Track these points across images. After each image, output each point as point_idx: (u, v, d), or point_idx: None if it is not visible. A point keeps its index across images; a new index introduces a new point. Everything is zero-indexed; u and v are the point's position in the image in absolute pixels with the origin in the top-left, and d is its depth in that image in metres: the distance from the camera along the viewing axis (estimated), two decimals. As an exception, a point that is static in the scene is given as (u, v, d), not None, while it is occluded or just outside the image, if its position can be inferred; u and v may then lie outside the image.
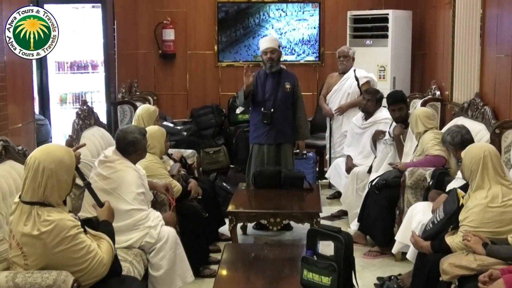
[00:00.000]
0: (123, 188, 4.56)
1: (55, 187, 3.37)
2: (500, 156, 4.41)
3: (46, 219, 3.30)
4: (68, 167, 3.45)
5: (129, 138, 4.76)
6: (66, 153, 3.49)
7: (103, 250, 3.47)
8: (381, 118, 6.95)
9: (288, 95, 6.77)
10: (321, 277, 3.80)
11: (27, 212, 3.34)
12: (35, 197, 3.35)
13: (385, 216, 5.96)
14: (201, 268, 5.43)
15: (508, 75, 6.09)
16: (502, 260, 3.68)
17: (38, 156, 3.40)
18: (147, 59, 9.97)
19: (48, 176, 3.35)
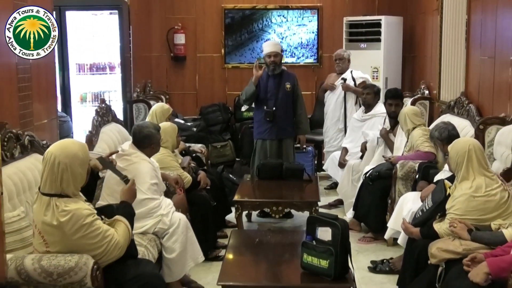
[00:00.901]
0: (138, 179, 4.56)
1: (70, 179, 3.38)
2: (483, 149, 4.41)
3: (63, 209, 3.31)
4: (81, 161, 3.45)
5: (144, 132, 4.78)
6: (80, 148, 3.49)
7: (119, 233, 3.48)
8: (380, 112, 6.96)
9: (288, 94, 6.78)
10: (319, 260, 3.80)
11: (46, 203, 3.35)
12: (53, 189, 3.36)
13: (378, 205, 5.98)
14: (209, 252, 5.43)
15: (491, 75, 6.09)
16: (485, 245, 3.69)
17: (54, 151, 3.40)
18: (160, 61, 9.98)
19: (63, 170, 3.35)
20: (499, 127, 5.42)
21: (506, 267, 3.18)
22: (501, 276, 3.20)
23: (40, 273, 3.23)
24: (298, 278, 3.89)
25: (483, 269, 3.31)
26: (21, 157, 4.14)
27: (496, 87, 6.00)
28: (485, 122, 5.64)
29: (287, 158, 6.85)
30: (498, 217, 3.86)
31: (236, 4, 9.95)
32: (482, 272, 3.30)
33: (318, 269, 3.81)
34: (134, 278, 3.47)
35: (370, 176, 6.08)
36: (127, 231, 3.55)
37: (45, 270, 3.23)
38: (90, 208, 3.44)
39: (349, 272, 3.86)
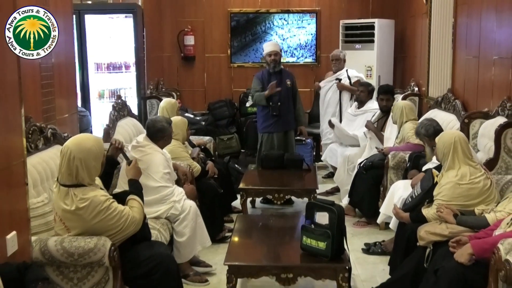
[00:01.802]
0: (152, 168, 4.58)
1: (85, 172, 3.38)
2: (468, 141, 4.41)
3: (82, 197, 3.33)
4: (95, 155, 3.45)
5: (157, 126, 4.81)
6: (94, 143, 3.48)
7: (134, 210, 3.50)
8: (371, 108, 6.98)
9: (289, 90, 6.80)
10: (317, 242, 3.81)
11: (65, 192, 3.36)
12: (70, 180, 3.37)
13: (371, 192, 5.98)
14: (217, 236, 5.43)
15: (475, 73, 6.09)
16: (470, 228, 3.69)
17: (70, 146, 3.41)
18: (171, 61, 9.97)
19: (78, 164, 3.36)
20: (483, 120, 5.42)
21: (488, 248, 3.19)
22: (484, 256, 3.21)
23: (62, 254, 3.24)
24: (298, 259, 3.90)
25: (467, 250, 3.31)
26: (44, 148, 4.14)
27: (480, 84, 6.00)
28: (469, 116, 5.64)
29: (292, 148, 6.87)
30: (482, 203, 3.87)
31: (241, 8, 9.95)
32: (466, 253, 3.31)
33: (316, 250, 3.82)
34: (148, 259, 3.49)
35: (364, 166, 6.09)
36: (140, 206, 3.59)
37: (67, 251, 3.24)
38: (106, 194, 3.46)
39: (344, 253, 3.87)
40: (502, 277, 3.00)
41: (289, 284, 3.85)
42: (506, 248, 3.02)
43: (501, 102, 5.24)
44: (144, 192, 4.40)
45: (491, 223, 3.59)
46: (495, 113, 5.32)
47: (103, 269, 3.31)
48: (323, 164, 8.15)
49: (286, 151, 6.76)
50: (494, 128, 4.89)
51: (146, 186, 4.48)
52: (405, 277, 3.96)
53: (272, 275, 3.85)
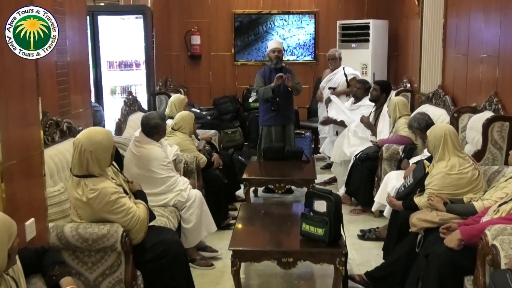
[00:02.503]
0: (152, 162, 4.57)
1: (95, 163, 3.38)
2: (457, 134, 4.41)
3: (92, 188, 3.33)
4: (105, 148, 3.44)
5: (151, 123, 4.71)
6: (104, 136, 3.47)
7: (140, 210, 3.49)
8: (365, 104, 6.96)
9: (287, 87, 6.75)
10: (316, 229, 3.81)
11: (77, 182, 3.37)
12: (81, 171, 3.38)
13: (366, 182, 5.98)
14: (222, 223, 5.44)
15: (464, 70, 6.08)
16: (459, 216, 3.70)
17: (81, 139, 3.41)
18: (178, 59, 9.98)
19: (88, 156, 3.36)
20: (471, 115, 5.41)
21: (476, 234, 3.19)
22: (472, 242, 3.21)
23: (77, 239, 3.25)
24: (298, 244, 3.90)
25: (456, 236, 3.32)
26: (60, 140, 4.15)
27: (468, 81, 5.99)
28: (459, 111, 5.64)
29: (290, 142, 6.86)
30: (470, 191, 3.87)
31: (245, 9, 9.94)
32: (456, 238, 3.31)
33: (315, 236, 3.82)
34: (157, 244, 3.50)
35: (360, 158, 6.09)
36: (146, 209, 3.57)
37: (82, 237, 3.25)
38: (115, 186, 3.44)
39: (341, 239, 3.86)
40: (489, 261, 3.01)
41: (289, 268, 3.86)
42: (493, 234, 3.02)
43: (488, 97, 5.23)
44: (151, 184, 4.51)
45: (479, 210, 3.60)
46: (482, 108, 5.31)
47: (115, 253, 3.31)
48: (321, 156, 8.16)
49: (284, 143, 6.75)
50: (481, 122, 4.89)
51: (151, 179, 4.56)
52: (398, 261, 3.96)
53: (274, 260, 3.85)
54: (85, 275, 3.34)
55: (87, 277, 3.34)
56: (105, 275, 3.34)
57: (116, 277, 3.33)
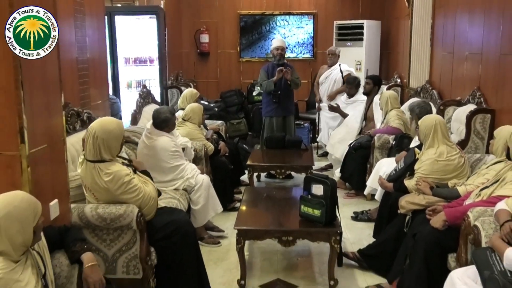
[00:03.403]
0: (161, 153, 4.56)
1: (107, 150, 3.38)
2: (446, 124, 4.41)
3: (106, 172, 3.33)
4: (116, 136, 3.43)
5: (161, 117, 4.69)
6: (116, 126, 3.47)
7: (150, 189, 3.49)
8: (359, 99, 6.95)
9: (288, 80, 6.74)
10: (314, 210, 3.82)
11: (91, 167, 3.36)
12: (94, 157, 3.37)
13: (359, 169, 5.98)
14: (228, 205, 5.46)
15: (450, 67, 6.07)
16: (444, 199, 3.70)
17: (95, 127, 3.40)
18: (189, 56, 9.96)
19: (100, 143, 3.36)
20: (456, 107, 5.42)
21: (459, 215, 3.19)
22: (456, 223, 3.21)
23: (97, 219, 3.27)
24: (297, 224, 3.91)
25: (441, 217, 3.32)
26: (81, 129, 4.15)
27: (454, 77, 5.98)
28: (444, 104, 5.64)
29: (290, 132, 6.85)
30: (455, 177, 3.87)
31: (249, 10, 9.91)
32: (441, 219, 3.31)
33: (313, 217, 3.83)
34: (169, 223, 3.50)
35: (354, 146, 6.09)
36: (153, 185, 3.58)
37: (101, 216, 3.27)
38: (126, 169, 3.45)
39: (336, 219, 3.87)
40: (471, 240, 3.02)
41: (289, 246, 3.87)
42: (474, 215, 3.03)
43: (472, 91, 5.23)
44: (162, 173, 4.55)
45: (462, 194, 3.61)
46: (466, 101, 5.31)
47: (131, 232, 3.33)
48: (319, 145, 8.15)
49: (284, 133, 6.74)
50: (465, 114, 4.89)
51: (161, 168, 4.57)
52: (388, 240, 3.98)
53: (275, 238, 3.86)
54: (104, 251, 3.36)
55: (105, 253, 3.36)
56: (122, 251, 3.36)
57: (132, 253, 3.35)
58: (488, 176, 3.54)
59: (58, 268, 2.61)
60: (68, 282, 2.63)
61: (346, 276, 4.06)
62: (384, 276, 3.91)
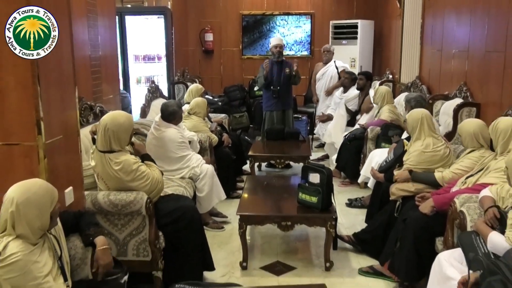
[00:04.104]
0: (169, 144, 4.58)
1: (116, 141, 3.37)
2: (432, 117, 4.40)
3: (116, 161, 3.33)
4: (125, 129, 3.41)
5: (169, 110, 4.70)
6: (125, 119, 3.45)
7: (156, 172, 3.49)
8: (353, 94, 6.92)
9: (287, 76, 6.70)
10: (311, 197, 3.83)
11: (102, 157, 3.36)
12: (105, 147, 3.37)
13: (353, 159, 5.98)
14: (231, 192, 5.47)
15: (438, 64, 6.07)
16: (423, 183, 3.77)
17: (106, 120, 3.39)
18: (194, 53, 9.95)
19: (111, 134, 3.35)
20: (444, 101, 5.43)
21: (446, 201, 3.20)
22: (443, 208, 3.22)
23: (109, 205, 3.28)
24: (295, 210, 3.92)
25: (430, 203, 3.33)
26: (94, 122, 4.14)
27: (442, 73, 5.98)
28: (433, 98, 5.64)
29: (288, 124, 6.84)
30: (441, 167, 3.87)
31: (251, 11, 9.90)
32: (429, 205, 3.32)
33: (310, 204, 3.85)
34: (176, 209, 3.50)
35: (348, 138, 6.09)
36: (157, 168, 3.57)
37: (112, 203, 3.27)
38: (134, 157, 3.45)
39: (332, 206, 3.88)
40: (457, 225, 3.02)
41: (288, 230, 3.88)
42: (460, 202, 3.03)
43: (459, 86, 5.23)
44: (169, 162, 4.56)
45: (437, 178, 3.67)
46: (453, 96, 5.31)
47: (141, 217, 3.33)
48: (316, 137, 8.15)
49: (284, 125, 6.73)
50: (452, 108, 4.90)
51: (168, 158, 4.59)
52: (380, 226, 3.99)
53: (274, 223, 3.88)
54: (116, 235, 3.37)
55: (117, 237, 3.37)
56: (132, 235, 3.37)
57: (142, 236, 3.36)
58: (464, 164, 3.58)
59: (73, 251, 2.63)
60: (82, 263, 2.64)
61: (341, 258, 4.08)
62: (376, 258, 3.92)
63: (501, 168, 3.01)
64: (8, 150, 2.62)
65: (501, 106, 4.34)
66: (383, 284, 3.67)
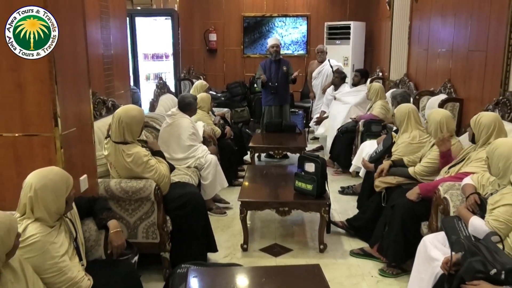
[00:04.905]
0: (181, 131, 4.61)
1: (129, 133, 3.38)
2: (418, 111, 4.40)
3: (128, 153, 3.34)
4: (138, 121, 3.42)
5: (186, 101, 4.80)
6: (138, 112, 3.45)
7: (164, 168, 3.47)
8: (344, 91, 6.91)
9: (284, 74, 6.67)
10: (306, 185, 3.84)
11: (115, 147, 3.36)
12: (119, 138, 3.37)
13: (346, 149, 5.97)
14: (233, 180, 5.48)
15: (424, 62, 6.05)
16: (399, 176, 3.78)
17: (120, 113, 3.40)
18: (199, 52, 9.91)
19: (124, 126, 3.36)
20: (429, 97, 5.42)
21: (431, 189, 3.21)
22: (428, 195, 3.23)
23: (120, 191, 3.28)
24: (292, 196, 3.92)
25: (416, 190, 3.34)
26: (106, 115, 4.15)
27: (428, 70, 5.96)
28: (420, 94, 5.63)
29: (286, 118, 6.83)
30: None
31: (251, 13, 9.84)
32: (415, 192, 3.33)
33: (305, 191, 3.85)
34: (183, 195, 3.51)
35: (341, 130, 6.08)
36: (167, 166, 3.55)
37: (124, 189, 3.28)
38: (145, 151, 3.45)
39: (326, 193, 3.89)
40: (441, 210, 3.03)
41: (285, 215, 3.90)
42: (444, 189, 3.04)
43: (443, 83, 5.22)
44: (178, 147, 4.57)
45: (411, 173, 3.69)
46: (438, 92, 5.30)
47: (150, 202, 3.34)
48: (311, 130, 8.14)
49: (281, 119, 6.72)
50: (437, 103, 4.89)
51: (178, 144, 4.60)
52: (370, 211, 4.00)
53: (273, 208, 3.89)
54: (127, 219, 3.38)
55: (128, 221, 3.38)
56: (142, 219, 3.38)
57: (151, 220, 3.37)
58: (431, 156, 3.60)
59: (88, 233, 2.64)
60: (96, 244, 2.65)
61: (334, 241, 4.09)
62: (366, 241, 3.94)
63: (482, 158, 3.01)
64: (28, 140, 2.62)
65: (482, 101, 4.34)
66: (373, 265, 3.69)
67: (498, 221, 2.41)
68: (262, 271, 2.64)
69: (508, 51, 3.80)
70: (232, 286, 2.39)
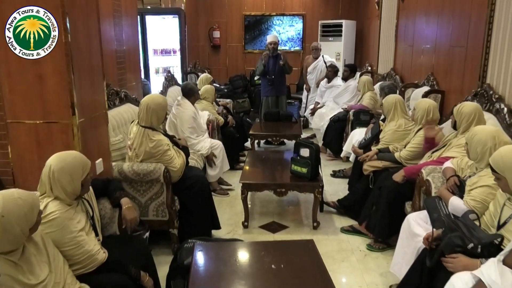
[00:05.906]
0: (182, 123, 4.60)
1: (155, 118, 3.39)
2: (404, 102, 4.38)
3: (151, 138, 3.34)
4: (163, 107, 3.44)
5: (188, 87, 4.83)
6: (162, 100, 3.49)
7: (179, 162, 3.44)
8: (336, 84, 6.88)
9: (281, 67, 6.63)
10: (301, 168, 3.84)
11: (142, 131, 3.36)
12: (146, 123, 3.38)
13: (337, 137, 5.96)
14: (234, 165, 5.48)
15: (410, 57, 6.02)
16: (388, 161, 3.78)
17: (147, 100, 3.42)
18: (204, 48, 9.86)
19: (152, 112, 3.36)
20: (414, 89, 5.39)
21: (415, 172, 3.20)
22: (412, 177, 3.22)
23: (132, 174, 3.29)
24: (288, 179, 3.92)
25: (401, 173, 3.34)
26: (120, 105, 4.14)
27: (413, 65, 5.93)
28: (405, 86, 5.61)
29: (282, 108, 6.80)
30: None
31: (252, 12, 9.78)
32: (401, 175, 3.33)
33: (301, 174, 3.86)
34: (190, 177, 3.51)
35: (333, 119, 6.06)
36: (183, 160, 3.52)
37: (135, 172, 3.28)
38: (167, 139, 3.45)
39: (319, 176, 3.89)
40: (423, 191, 3.03)
41: (282, 196, 3.90)
42: (427, 172, 3.03)
43: (427, 76, 5.20)
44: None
45: (397, 158, 3.70)
46: (422, 84, 5.28)
47: (159, 184, 3.34)
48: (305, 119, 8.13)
49: (278, 109, 6.70)
50: (421, 94, 4.86)
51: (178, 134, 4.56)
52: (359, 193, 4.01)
53: (271, 190, 3.89)
54: (138, 199, 3.39)
55: (140, 200, 3.39)
56: (152, 199, 3.38)
57: (160, 200, 3.37)
58: (415, 141, 3.61)
59: (103, 211, 2.64)
60: (111, 221, 2.65)
61: (326, 219, 4.10)
62: (355, 219, 3.95)
63: (461, 144, 3.01)
64: (48, 127, 2.61)
65: (462, 92, 4.32)
66: (361, 240, 3.70)
67: (475, 201, 2.41)
68: (261, 246, 2.65)
69: (486, 46, 3.77)
70: (234, 259, 2.40)
